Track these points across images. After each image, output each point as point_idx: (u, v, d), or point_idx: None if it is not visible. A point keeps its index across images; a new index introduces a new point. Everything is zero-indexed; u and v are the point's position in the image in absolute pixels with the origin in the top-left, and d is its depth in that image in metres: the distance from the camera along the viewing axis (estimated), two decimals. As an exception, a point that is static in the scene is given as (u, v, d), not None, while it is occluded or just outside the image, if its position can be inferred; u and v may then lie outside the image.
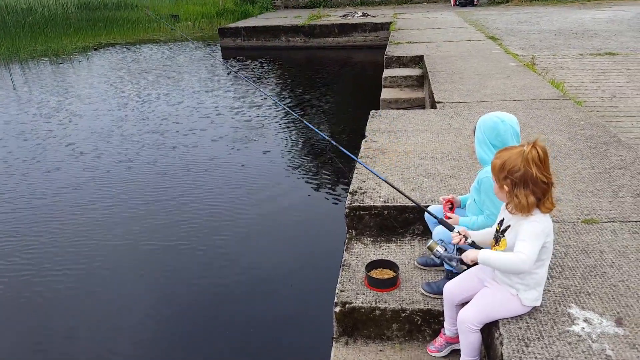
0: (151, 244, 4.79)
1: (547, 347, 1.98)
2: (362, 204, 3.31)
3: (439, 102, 5.61)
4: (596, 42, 9.64)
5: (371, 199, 3.36)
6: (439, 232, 2.55)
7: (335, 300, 2.70)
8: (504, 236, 2.08)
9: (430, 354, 2.53)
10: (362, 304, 2.65)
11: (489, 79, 6.56)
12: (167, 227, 5.07)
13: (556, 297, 2.28)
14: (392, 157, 4.07)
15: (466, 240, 2.24)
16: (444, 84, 6.39)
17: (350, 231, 3.37)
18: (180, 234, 4.92)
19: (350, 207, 3.32)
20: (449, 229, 2.39)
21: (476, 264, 2.18)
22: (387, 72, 8.22)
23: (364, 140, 4.54)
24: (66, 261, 4.54)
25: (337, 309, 2.66)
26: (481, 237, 2.27)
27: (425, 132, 4.66)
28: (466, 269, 2.40)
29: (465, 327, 2.15)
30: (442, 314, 2.49)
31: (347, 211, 3.33)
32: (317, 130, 3.56)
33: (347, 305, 2.65)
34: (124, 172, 6.49)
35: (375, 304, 2.64)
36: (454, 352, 2.47)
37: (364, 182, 3.62)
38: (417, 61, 8.55)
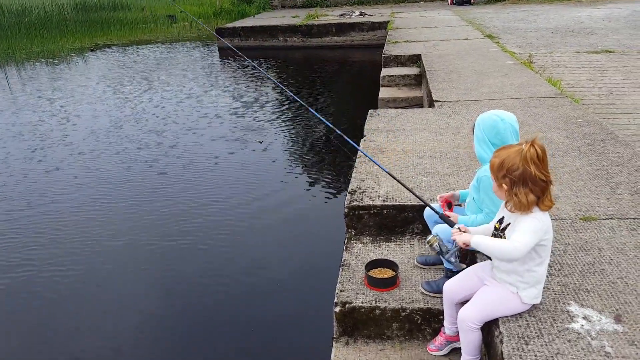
0: (151, 244, 4.80)
1: (546, 345, 1.99)
2: (361, 204, 3.32)
3: (437, 101, 5.62)
4: (593, 40, 9.66)
5: (370, 198, 3.37)
6: (438, 231, 2.55)
7: (335, 300, 2.70)
8: (504, 234, 2.09)
9: (430, 352, 2.54)
10: (362, 303, 2.66)
11: (486, 78, 6.57)
12: (167, 226, 5.07)
13: (555, 294, 2.28)
14: (391, 156, 4.08)
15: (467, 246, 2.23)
16: (442, 83, 6.39)
17: (349, 231, 3.37)
18: (180, 233, 4.93)
19: (349, 207, 3.33)
20: (450, 224, 2.39)
21: (475, 263, 2.19)
22: (385, 71, 8.23)
23: (362, 139, 4.54)
24: (66, 261, 4.55)
25: (337, 309, 2.67)
26: (481, 233, 2.27)
27: (423, 131, 4.67)
28: (465, 267, 2.41)
29: (465, 326, 2.16)
30: (442, 312, 2.49)
31: (347, 211, 3.33)
32: (323, 119, 3.52)
33: (347, 305, 2.66)
34: (124, 172, 6.49)
35: (375, 304, 2.64)
36: (454, 351, 2.48)
37: (363, 181, 3.63)
38: (414, 60, 8.56)
